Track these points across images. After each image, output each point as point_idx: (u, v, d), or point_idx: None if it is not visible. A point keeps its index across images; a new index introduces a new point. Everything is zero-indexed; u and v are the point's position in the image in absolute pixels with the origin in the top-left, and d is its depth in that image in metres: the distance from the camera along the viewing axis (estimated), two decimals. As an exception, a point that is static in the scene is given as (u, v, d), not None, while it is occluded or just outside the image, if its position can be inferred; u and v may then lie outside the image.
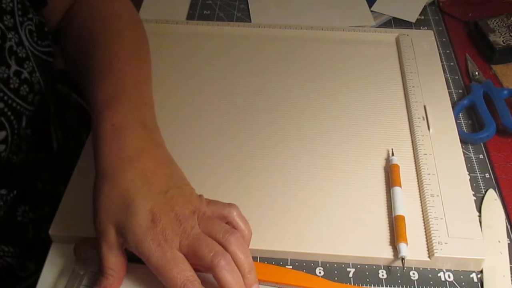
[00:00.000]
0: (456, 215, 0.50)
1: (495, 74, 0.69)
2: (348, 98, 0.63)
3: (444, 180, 0.53)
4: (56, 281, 0.47)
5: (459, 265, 0.48)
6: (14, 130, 0.54)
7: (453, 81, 0.68)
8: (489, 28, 0.73)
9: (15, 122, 0.54)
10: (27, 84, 0.55)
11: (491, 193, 0.55)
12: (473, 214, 0.51)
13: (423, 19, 0.79)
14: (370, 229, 0.50)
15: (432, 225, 0.49)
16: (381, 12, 0.80)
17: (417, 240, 0.49)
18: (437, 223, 0.50)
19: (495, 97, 0.63)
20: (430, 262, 0.48)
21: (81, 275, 0.47)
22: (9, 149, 0.55)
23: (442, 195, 0.52)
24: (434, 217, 0.50)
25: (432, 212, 0.51)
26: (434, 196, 0.52)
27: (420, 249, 0.49)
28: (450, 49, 0.73)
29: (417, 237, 0.50)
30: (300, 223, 0.51)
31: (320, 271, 0.48)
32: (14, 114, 0.54)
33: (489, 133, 0.60)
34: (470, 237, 0.49)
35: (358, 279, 0.48)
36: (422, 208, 0.52)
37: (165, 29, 0.74)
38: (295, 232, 0.50)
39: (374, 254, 0.49)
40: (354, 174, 0.55)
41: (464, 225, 0.49)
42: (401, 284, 0.47)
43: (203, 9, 0.81)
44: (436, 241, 0.48)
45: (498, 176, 0.56)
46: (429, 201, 0.52)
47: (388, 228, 0.50)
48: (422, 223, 0.51)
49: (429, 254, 0.48)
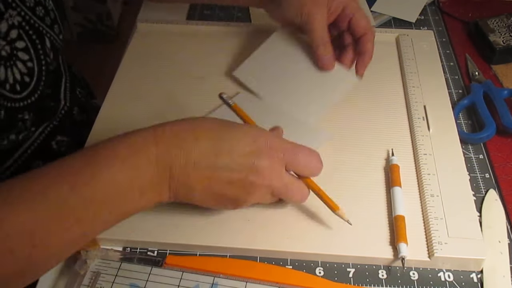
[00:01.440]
0: (456, 215, 0.50)
1: (495, 74, 0.69)
2: (348, 98, 0.63)
3: (444, 180, 0.53)
4: (56, 281, 0.47)
5: (459, 265, 0.48)
6: (36, 46, 0.57)
7: (453, 81, 0.68)
8: (489, 28, 0.73)
9: (36, 39, 0.57)
10: (42, 6, 0.58)
11: (492, 193, 0.55)
12: (473, 214, 0.51)
13: (423, 19, 0.79)
14: (370, 229, 0.50)
15: (432, 225, 0.49)
16: (381, 12, 0.80)
17: (417, 240, 0.49)
18: (437, 223, 0.50)
19: (495, 97, 0.63)
20: (430, 262, 0.48)
21: (81, 275, 0.47)
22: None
23: (442, 195, 0.52)
24: (434, 217, 0.50)
25: (432, 212, 0.51)
26: (434, 196, 0.52)
27: (420, 249, 0.49)
28: (450, 49, 0.73)
29: (417, 237, 0.50)
30: (299, 223, 0.51)
31: (320, 271, 0.48)
32: (33, 30, 0.57)
33: (489, 133, 0.60)
34: (470, 237, 0.49)
35: (358, 279, 0.48)
36: (422, 208, 0.52)
37: (164, 29, 0.74)
38: (294, 232, 0.50)
39: (373, 254, 0.49)
40: (354, 174, 0.55)
41: (464, 225, 0.49)
42: (401, 284, 0.47)
43: (203, 9, 0.81)
44: (436, 241, 0.48)
45: (498, 176, 0.56)
46: (429, 201, 0.52)
47: (388, 228, 0.50)
48: (422, 223, 0.51)
49: (429, 254, 0.48)
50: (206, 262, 0.48)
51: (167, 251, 0.50)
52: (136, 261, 0.48)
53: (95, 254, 0.48)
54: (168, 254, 0.49)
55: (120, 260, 0.48)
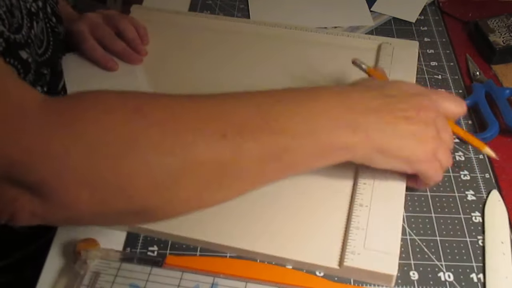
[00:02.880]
0: (379, 228, 0.48)
1: (495, 74, 0.69)
2: None
3: (378, 192, 0.51)
4: (56, 281, 0.47)
5: (370, 278, 0.47)
6: None
7: (453, 81, 0.68)
8: (489, 28, 0.73)
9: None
10: None
11: (495, 194, 0.55)
12: (397, 229, 0.48)
13: (423, 19, 0.79)
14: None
15: (351, 235, 0.48)
16: (381, 12, 0.80)
17: (332, 247, 0.48)
18: (357, 233, 0.48)
19: (497, 97, 0.63)
20: (340, 271, 0.47)
21: (81, 275, 0.47)
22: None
23: (372, 207, 0.50)
24: (356, 226, 0.48)
25: (355, 221, 0.49)
26: (363, 206, 0.50)
27: (332, 257, 0.48)
28: (450, 49, 0.73)
29: (333, 244, 0.49)
30: (244, 220, 0.50)
31: (320, 271, 0.48)
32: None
33: (492, 133, 0.59)
34: (386, 252, 0.47)
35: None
36: (348, 216, 0.51)
37: (166, 18, 0.74)
38: (232, 227, 0.50)
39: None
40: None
41: (384, 239, 0.48)
42: (401, 284, 0.47)
43: (203, 8, 0.81)
44: (350, 251, 0.47)
45: (498, 176, 0.56)
46: (356, 210, 0.50)
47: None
48: (343, 231, 0.49)
49: (340, 262, 0.47)
50: (206, 262, 0.48)
51: (166, 252, 0.50)
52: (136, 261, 0.48)
53: (95, 254, 0.48)
54: (168, 254, 0.49)
55: (120, 260, 0.48)
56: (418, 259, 0.49)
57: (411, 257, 0.49)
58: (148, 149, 0.37)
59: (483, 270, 0.48)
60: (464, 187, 0.56)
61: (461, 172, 0.57)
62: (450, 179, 0.56)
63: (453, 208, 0.54)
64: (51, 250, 0.50)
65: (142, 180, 0.37)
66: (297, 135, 0.43)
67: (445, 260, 0.49)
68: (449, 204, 0.54)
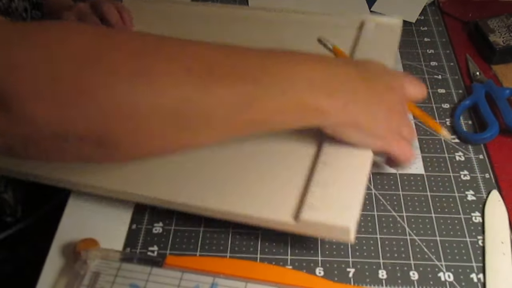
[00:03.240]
0: (341, 185, 0.47)
1: (495, 74, 0.69)
2: None
3: (345, 151, 0.49)
4: (56, 281, 0.47)
5: (328, 233, 0.46)
6: None
7: (453, 82, 0.68)
8: (489, 28, 0.73)
9: None
10: None
11: (495, 194, 0.55)
12: (360, 187, 0.47)
13: (423, 19, 0.79)
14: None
15: (310, 191, 0.46)
16: (381, 12, 0.80)
17: (289, 202, 0.47)
18: (316, 190, 0.46)
19: (498, 97, 0.63)
20: (296, 226, 0.45)
21: (81, 275, 0.47)
22: None
23: (335, 165, 0.48)
24: (316, 182, 0.47)
25: (316, 178, 0.47)
26: (327, 164, 0.49)
27: (287, 210, 0.46)
28: (450, 49, 0.73)
29: (291, 200, 0.47)
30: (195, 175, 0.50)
31: (320, 271, 0.48)
32: None
33: (492, 133, 0.59)
34: (345, 206, 0.45)
35: (358, 279, 0.48)
36: (310, 172, 0.49)
37: (161, 8, 0.74)
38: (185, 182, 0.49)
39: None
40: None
41: (344, 196, 0.46)
42: (401, 284, 0.47)
43: (203, 9, 0.81)
44: (307, 205, 0.45)
45: (498, 176, 0.56)
46: (319, 167, 0.48)
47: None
48: (303, 187, 0.48)
49: (296, 216, 0.46)
50: (206, 262, 0.48)
51: (166, 252, 0.50)
52: (136, 261, 0.48)
53: (95, 254, 0.48)
54: (168, 254, 0.49)
55: (120, 260, 0.48)
56: (418, 259, 0.49)
57: (411, 257, 0.50)
58: (111, 70, 0.36)
59: (483, 270, 0.48)
60: (464, 187, 0.56)
61: (461, 172, 0.57)
62: (450, 179, 0.56)
63: (453, 208, 0.54)
64: (51, 250, 0.50)
65: (103, 103, 0.36)
66: (270, 88, 0.41)
67: (445, 260, 0.49)
68: (449, 204, 0.54)
